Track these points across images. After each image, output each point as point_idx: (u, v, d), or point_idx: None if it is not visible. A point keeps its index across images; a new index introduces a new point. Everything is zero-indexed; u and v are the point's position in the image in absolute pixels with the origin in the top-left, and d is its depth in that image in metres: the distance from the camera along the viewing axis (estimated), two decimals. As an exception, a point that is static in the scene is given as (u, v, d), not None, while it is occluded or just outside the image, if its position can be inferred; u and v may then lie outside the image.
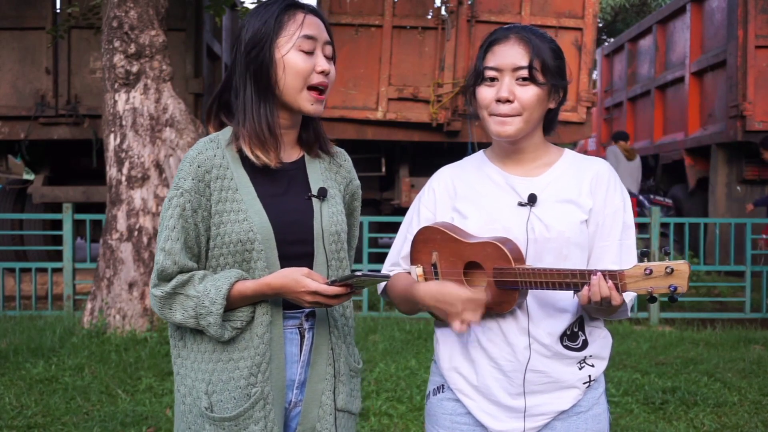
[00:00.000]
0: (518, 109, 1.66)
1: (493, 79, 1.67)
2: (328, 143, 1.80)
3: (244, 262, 1.62)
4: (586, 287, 1.51)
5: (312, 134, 1.76)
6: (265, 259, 1.61)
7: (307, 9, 1.68)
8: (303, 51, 1.63)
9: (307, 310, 1.67)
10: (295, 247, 1.65)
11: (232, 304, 1.59)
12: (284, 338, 1.66)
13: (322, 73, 1.64)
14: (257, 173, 1.67)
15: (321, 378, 1.69)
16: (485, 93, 1.68)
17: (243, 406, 1.61)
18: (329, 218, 1.70)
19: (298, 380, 1.69)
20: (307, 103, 1.64)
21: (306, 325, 1.69)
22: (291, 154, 1.74)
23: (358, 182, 1.88)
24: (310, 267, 1.65)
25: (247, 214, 1.61)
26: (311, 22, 1.65)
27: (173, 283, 1.60)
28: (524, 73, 1.65)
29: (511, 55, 1.66)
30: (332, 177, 1.79)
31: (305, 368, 1.69)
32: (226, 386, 1.62)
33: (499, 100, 1.65)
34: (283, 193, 1.69)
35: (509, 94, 1.65)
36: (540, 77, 1.66)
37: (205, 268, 1.66)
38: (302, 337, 1.69)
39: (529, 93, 1.66)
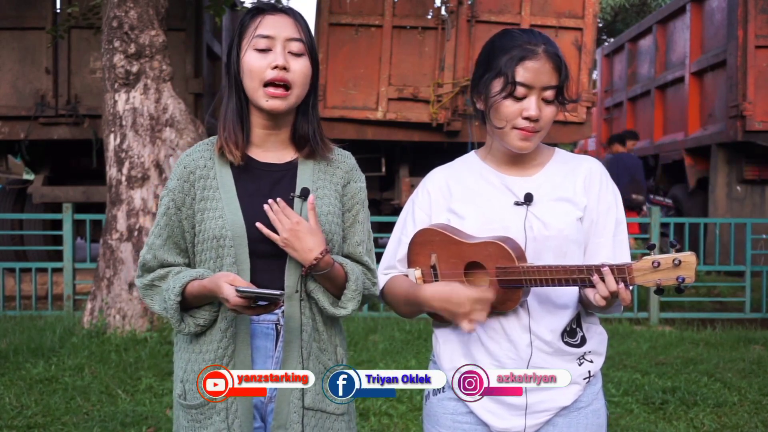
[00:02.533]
0: (540, 126, 1.67)
1: (521, 97, 1.66)
2: (322, 147, 1.77)
3: (218, 258, 1.68)
4: (600, 284, 1.53)
5: (302, 136, 1.75)
6: (234, 255, 1.66)
7: (270, 10, 1.69)
8: (258, 49, 1.66)
9: (284, 308, 1.70)
10: (269, 246, 1.67)
11: (189, 302, 1.68)
12: (254, 332, 1.70)
13: (276, 68, 1.64)
14: (243, 174, 1.72)
15: None
16: (512, 107, 1.66)
17: None
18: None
19: None
20: (262, 100, 1.67)
21: (282, 322, 1.71)
22: (283, 155, 1.76)
23: (359, 184, 1.83)
24: (283, 266, 1.68)
25: (223, 212, 1.68)
26: (269, 21, 1.67)
27: (152, 275, 1.73)
28: (551, 94, 1.66)
29: (543, 73, 1.65)
30: (327, 179, 1.77)
31: (279, 364, 1.70)
32: (196, 376, 1.70)
33: (527, 118, 1.65)
34: (266, 193, 1.71)
35: (539, 113, 1.65)
36: (561, 98, 1.69)
37: (193, 262, 1.74)
38: (278, 333, 1.71)
39: (551, 111, 1.68)
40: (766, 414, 4.07)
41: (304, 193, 1.70)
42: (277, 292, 1.52)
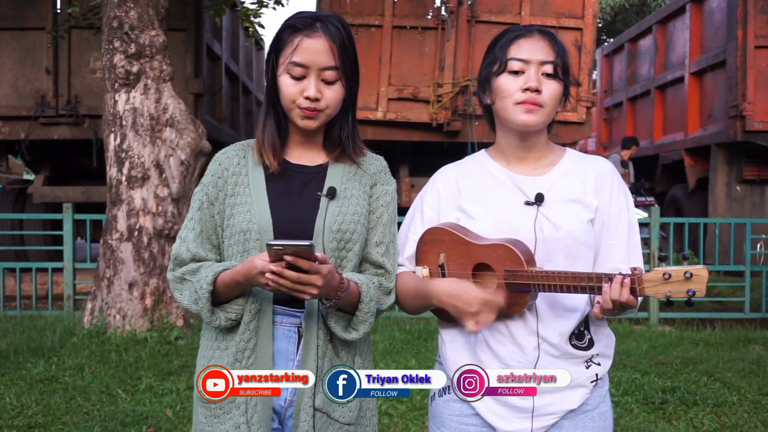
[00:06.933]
0: (543, 101, 1.67)
1: (517, 71, 1.67)
2: (353, 151, 1.80)
3: (245, 251, 1.69)
4: (605, 293, 1.51)
5: (333, 139, 1.79)
6: (260, 248, 1.67)
7: (307, 30, 1.67)
8: (292, 76, 1.68)
9: (307, 310, 1.69)
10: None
11: (222, 293, 1.67)
12: (276, 335, 1.70)
13: (308, 98, 1.67)
14: (275, 175, 1.76)
15: None
16: (510, 83, 1.68)
17: None
18: (334, 216, 1.71)
19: None
20: (297, 118, 1.72)
21: (305, 326, 1.70)
22: (316, 158, 1.80)
23: (386, 187, 1.83)
24: None
25: (251, 206, 1.71)
26: (306, 47, 1.66)
27: (184, 269, 1.74)
28: (550, 68, 1.67)
29: (538, 48, 1.67)
30: (356, 179, 1.79)
31: (299, 367, 1.69)
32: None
33: (528, 89, 1.65)
34: (295, 192, 1.75)
35: (538, 84, 1.65)
36: (561, 75, 1.69)
37: (222, 258, 1.76)
38: (300, 336, 1.70)
39: (553, 87, 1.68)
40: (765, 414, 4.08)
41: (331, 193, 1.73)
42: (307, 243, 1.47)
